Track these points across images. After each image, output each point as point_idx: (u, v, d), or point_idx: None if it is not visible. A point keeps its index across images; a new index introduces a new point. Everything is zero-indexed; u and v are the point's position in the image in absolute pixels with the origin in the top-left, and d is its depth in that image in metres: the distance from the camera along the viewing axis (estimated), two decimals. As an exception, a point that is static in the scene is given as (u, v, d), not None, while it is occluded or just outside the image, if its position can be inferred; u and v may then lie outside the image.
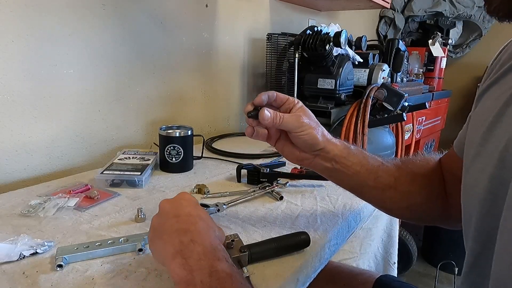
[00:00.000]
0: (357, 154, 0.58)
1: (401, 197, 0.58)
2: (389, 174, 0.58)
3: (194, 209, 0.46)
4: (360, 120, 1.25)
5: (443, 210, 0.57)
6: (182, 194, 0.49)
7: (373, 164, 0.58)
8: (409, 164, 0.60)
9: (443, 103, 2.42)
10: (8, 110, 0.79)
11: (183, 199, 0.48)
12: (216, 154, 1.06)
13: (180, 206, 0.46)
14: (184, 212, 0.45)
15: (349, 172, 0.57)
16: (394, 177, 0.57)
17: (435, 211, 0.58)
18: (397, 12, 2.46)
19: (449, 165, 0.57)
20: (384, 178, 0.57)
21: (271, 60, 1.41)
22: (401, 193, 0.57)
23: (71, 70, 0.89)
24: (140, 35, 1.03)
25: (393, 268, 1.05)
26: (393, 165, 0.59)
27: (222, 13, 1.28)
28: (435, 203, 0.57)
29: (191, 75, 1.22)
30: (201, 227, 0.43)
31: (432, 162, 0.60)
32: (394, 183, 0.57)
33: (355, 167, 0.57)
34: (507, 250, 0.33)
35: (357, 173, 0.57)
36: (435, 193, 0.57)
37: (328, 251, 0.61)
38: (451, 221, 0.57)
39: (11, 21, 0.76)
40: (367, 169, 0.57)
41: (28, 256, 0.51)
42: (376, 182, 0.57)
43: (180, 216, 0.44)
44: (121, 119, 1.03)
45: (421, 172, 0.59)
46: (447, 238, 1.86)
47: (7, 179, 0.82)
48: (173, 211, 0.45)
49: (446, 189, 0.57)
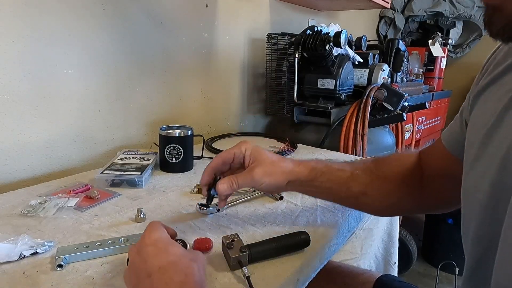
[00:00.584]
0: (325, 171, 0.60)
1: (375, 201, 0.61)
2: (360, 182, 0.60)
3: (165, 257, 0.40)
4: (360, 120, 1.25)
5: (419, 203, 0.60)
6: (149, 234, 0.43)
7: (342, 177, 0.60)
8: (382, 166, 0.62)
9: (443, 103, 2.42)
10: (8, 110, 0.79)
11: (151, 245, 0.41)
12: (216, 154, 1.05)
13: (149, 258, 0.40)
14: (154, 267, 0.39)
15: (320, 190, 0.61)
16: (365, 184, 0.60)
17: (410, 206, 0.62)
18: (397, 12, 2.46)
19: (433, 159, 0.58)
20: (355, 187, 0.60)
21: (271, 60, 1.41)
22: (374, 197, 0.60)
23: (71, 70, 0.89)
24: (140, 35, 1.03)
25: (394, 268, 1.05)
26: (363, 172, 0.61)
27: (222, 13, 1.28)
28: (409, 200, 0.60)
29: (191, 75, 1.22)
30: (176, 283, 0.38)
31: (406, 160, 0.62)
32: (365, 189, 0.60)
33: (324, 185, 0.60)
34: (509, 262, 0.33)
35: (328, 189, 0.60)
36: (408, 191, 0.60)
37: (328, 251, 0.61)
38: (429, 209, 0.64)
39: (11, 21, 0.76)
40: (337, 183, 0.60)
41: (28, 256, 0.51)
42: (348, 192, 0.60)
43: (152, 275, 0.38)
44: (121, 119, 1.03)
45: (393, 173, 0.61)
46: (447, 238, 1.86)
47: (7, 179, 0.82)
48: (144, 269, 0.39)
49: (422, 182, 0.59)
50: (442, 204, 0.61)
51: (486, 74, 0.44)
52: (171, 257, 0.40)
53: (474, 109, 0.45)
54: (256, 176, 0.56)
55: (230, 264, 0.49)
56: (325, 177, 0.60)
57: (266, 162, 0.58)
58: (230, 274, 0.49)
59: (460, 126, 0.50)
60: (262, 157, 0.58)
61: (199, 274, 0.40)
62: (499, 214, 0.35)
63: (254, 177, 0.56)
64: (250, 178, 0.56)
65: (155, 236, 0.43)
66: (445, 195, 0.57)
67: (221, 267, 0.50)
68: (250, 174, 0.57)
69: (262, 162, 0.57)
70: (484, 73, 0.45)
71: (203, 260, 0.43)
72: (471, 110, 0.46)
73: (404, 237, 1.75)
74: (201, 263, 0.42)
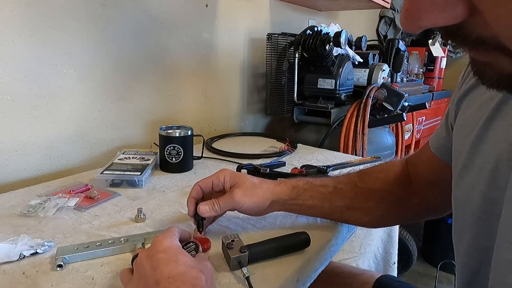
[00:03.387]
0: (307, 188, 0.60)
1: (360, 214, 0.61)
2: (344, 197, 0.60)
3: (175, 266, 0.40)
4: (360, 120, 1.25)
5: (409, 211, 0.61)
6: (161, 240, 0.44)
7: (325, 192, 0.60)
8: (366, 178, 0.62)
9: (443, 103, 2.42)
10: (8, 110, 0.79)
11: (163, 252, 0.42)
12: (216, 154, 1.06)
13: (159, 265, 0.40)
14: (164, 276, 0.39)
15: (303, 208, 0.61)
16: (349, 198, 0.60)
17: (400, 216, 0.62)
18: (397, 12, 2.46)
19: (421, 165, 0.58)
20: (338, 201, 0.60)
21: (271, 60, 1.41)
22: (358, 210, 0.61)
23: (71, 70, 0.89)
24: (140, 35, 1.03)
25: (393, 268, 1.05)
26: (347, 186, 0.61)
27: (222, 13, 1.28)
28: (398, 210, 0.61)
29: (191, 75, 1.22)
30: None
31: (391, 170, 0.62)
32: (350, 203, 0.60)
33: (307, 202, 0.60)
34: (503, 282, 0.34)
35: (312, 207, 0.61)
36: (396, 202, 0.60)
37: (328, 252, 0.61)
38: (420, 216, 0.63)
39: (11, 21, 0.76)
40: (319, 199, 0.60)
41: (28, 256, 0.51)
42: (332, 207, 0.60)
43: (160, 284, 0.38)
44: (121, 119, 1.03)
45: (377, 186, 0.61)
46: (447, 238, 1.85)
47: (7, 179, 0.82)
48: (153, 276, 0.39)
49: (411, 190, 0.59)
50: (433, 210, 0.60)
51: (468, 79, 0.44)
52: (180, 267, 0.40)
53: (458, 114, 0.45)
54: (236, 197, 0.56)
55: (230, 264, 0.49)
56: (308, 194, 0.60)
57: (246, 184, 0.58)
58: (230, 274, 0.49)
59: (446, 130, 0.50)
60: (241, 179, 0.58)
61: (206, 285, 0.40)
62: (491, 228, 0.36)
63: (234, 198, 0.56)
64: (230, 199, 0.56)
65: (167, 243, 0.43)
66: (435, 201, 0.57)
67: (221, 267, 0.50)
68: (230, 196, 0.56)
69: (242, 184, 0.57)
70: (466, 78, 0.45)
71: (211, 270, 0.44)
72: (455, 115, 0.46)
73: (404, 237, 1.75)
74: (209, 274, 0.42)
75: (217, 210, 0.55)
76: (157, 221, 0.63)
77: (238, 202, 0.56)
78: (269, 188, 0.59)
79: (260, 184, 0.59)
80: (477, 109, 0.41)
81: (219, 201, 0.56)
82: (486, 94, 0.40)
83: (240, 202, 0.56)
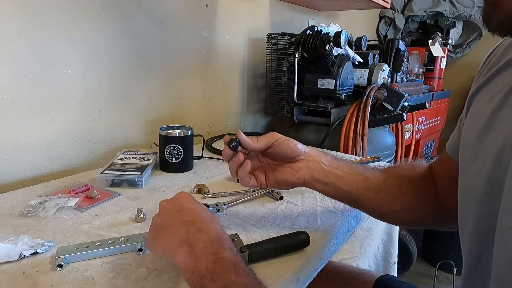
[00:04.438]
0: (338, 158, 0.60)
1: (394, 198, 0.58)
2: (377, 176, 0.59)
3: (195, 204, 0.49)
4: (360, 120, 1.25)
5: (437, 210, 0.58)
6: (181, 193, 0.51)
7: (358, 167, 0.60)
8: (395, 168, 0.62)
9: (443, 103, 2.42)
10: (8, 110, 0.79)
11: (183, 197, 0.50)
12: (216, 154, 1.06)
13: (181, 202, 0.48)
14: (186, 206, 0.47)
15: (339, 173, 0.58)
16: (382, 179, 0.58)
17: (429, 212, 0.58)
18: (397, 12, 2.46)
19: (442, 168, 0.57)
20: (372, 179, 0.58)
21: (271, 60, 1.40)
22: (392, 193, 0.58)
23: (71, 70, 0.89)
24: (140, 35, 1.03)
25: (393, 268, 1.05)
26: (377, 169, 0.61)
27: (222, 13, 1.28)
28: (427, 203, 0.58)
29: (191, 75, 1.22)
30: (205, 217, 0.46)
31: (418, 168, 0.61)
32: (384, 184, 0.58)
33: (342, 168, 0.58)
34: (505, 250, 0.34)
35: (347, 174, 0.58)
36: (426, 194, 0.58)
37: (328, 251, 0.61)
38: (446, 221, 0.58)
39: (11, 21, 0.76)
40: (354, 171, 0.59)
41: (28, 256, 0.51)
42: (367, 182, 0.58)
43: (183, 210, 0.47)
44: (121, 119, 1.03)
45: (408, 174, 0.60)
46: (447, 238, 1.85)
47: (7, 179, 0.82)
48: (175, 207, 0.47)
49: (438, 190, 0.58)
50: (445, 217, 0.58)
51: (481, 77, 0.45)
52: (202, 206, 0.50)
53: (469, 111, 0.46)
54: (274, 134, 0.58)
55: None
56: (341, 162, 0.59)
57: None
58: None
59: (459, 132, 0.50)
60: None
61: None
62: (495, 209, 0.36)
63: (273, 134, 0.58)
64: (269, 135, 0.58)
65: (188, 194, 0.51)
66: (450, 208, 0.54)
67: (221, 267, 0.50)
68: (269, 133, 0.58)
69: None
70: (478, 77, 0.46)
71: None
72: (466, 112, 0.47)
73: (404, 237, 1.75)
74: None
75: (255, 141, 0.57)
76: (157, 221, 0.63)
77: (275, 137, 0.58)
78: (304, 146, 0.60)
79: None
80: (486, 102, 0.41)
81: (256, 137, 0.58)
82: (495, 88, 0.41)
83: (278, 138, 0.58)
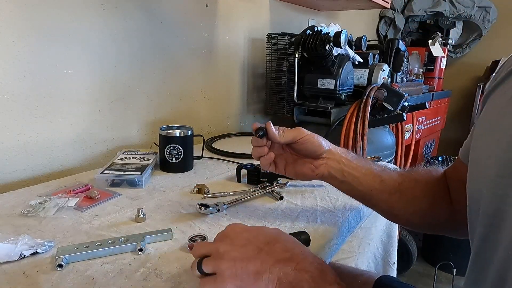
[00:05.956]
0: (358, 158, 0.61)
1: (407, 202, 0.58)
2: (393, 179, 0.59)
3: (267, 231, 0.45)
4: (360, 120, 1.25)
5: (449, 215, 0.57)
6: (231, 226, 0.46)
7: (376, 168, 0.60)
8: (411, 172, 0.62)
9: (443, 103, 2.42)
10: (8, 110, 0.79)
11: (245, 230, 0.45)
12: (216, 154, 1.06)
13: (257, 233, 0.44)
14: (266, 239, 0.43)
15: (356, 173, 0.60)
16: (398, 182, 0.59)
17: (441, 217, 0.58)
18: (397, 12, 2.46)
19: (456, 174, 0.57)
20: (388, 181, 0.59)
21: (271, 60, 1.41)
22: (406, 197, 0.58)
23: (71, 70, 0.89)
24: (140, 35, 1.03)
25: (393, 268, 1.04)
26: (394, 171, 0.61)
27: (222, 13, 1.28)
28: (440, 208, 0.58)
29: (191, 75, 1.23)
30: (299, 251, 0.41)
31: (435, 173, 0.61)
32: (398, 187, 0.59)
33: (360, 170, 0.60)
34: None
35: (364, 176, 0.60)
36: (439, 199, 0.58)
37: (328, 251, 0.61)
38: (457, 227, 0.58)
39: (11, 21, 0.76)
40: (371, 172, 0.59)
41: (29, 256, 0.51)
42: (382, 185, 0.59)
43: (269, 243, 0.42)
44: (121, 119, 1.03)
45: (423, 179, 0.60)
46: (447, 239, 1.86)
47: (7, 179, 0.82)
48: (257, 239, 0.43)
49: (451, 195, 0.58)
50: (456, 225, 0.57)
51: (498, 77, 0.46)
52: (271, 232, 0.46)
53: (483, 110, 0.46)
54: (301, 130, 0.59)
55: None
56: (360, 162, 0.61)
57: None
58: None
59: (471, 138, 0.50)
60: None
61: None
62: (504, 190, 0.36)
63: (300, 129, 0.59)
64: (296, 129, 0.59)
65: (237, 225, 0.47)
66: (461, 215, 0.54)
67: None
68: (296, 128, 0.59)
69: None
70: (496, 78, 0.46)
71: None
72: (480, 112, 0.47)
73: (404, 237, 1.75)
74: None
75: (281, 134, 0.58)
76: (157, 221, 0.63)
77: (302, 132, 0.59)
78: (328, 143, 0.62)
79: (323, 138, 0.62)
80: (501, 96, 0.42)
81: (284, 129, 0.58)
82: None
83: (304, 134, 0.58)
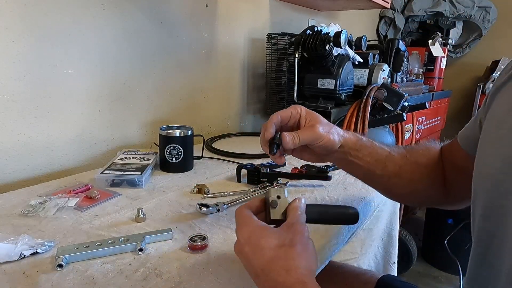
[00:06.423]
0: (368, 145, 0.63)
1: (405, 184, 0.63)
2: (395, 163, 0.62)
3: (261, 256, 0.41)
4: (360, 120, 1.25)
5: (443, 195, 0.63)
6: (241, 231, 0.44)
7: (381, 154, 0.62)
8: (413, 153, 0.64)
9: (443, 103, 2.42)
10: (8, 110, 0.79)
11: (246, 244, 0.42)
12: (216, 154, 1.06)
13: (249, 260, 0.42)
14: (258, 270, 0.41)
15: (360, 162, 0.62)
16: (399, 166, 0.62)
17: (435, 196, 0.64)
18: (397, 12, 2.46)
19: (451, 155, 0.61)
20: (390, 167, 0.62)
21: (271, 60, 1.41)
22: (405, 180, 0.62)
23: (71, 70, 0.89)
24: (140, 35, 1.03)
25: (393, 268, 1.05)
26: (398, 155, 0.63)
27: (222, 13, 1.28)
28: (435, 189, 0.63)
29: (191, 75, 1.22)
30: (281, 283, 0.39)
31: (433, 151, 0.64)
32: (399, 171, 0.62)
33: (366, 158, 0.62)
34: None
35: (367, 164, 0.62)
36: (436, 181, 0.62)
37: (329, 251, 0.61)
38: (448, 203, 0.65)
39: (11, 21, 0.76)
40: (376, 159, 0.62)
41: (29, 256, 0.51)
42: (383, 170, 0.62)
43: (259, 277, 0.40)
44: (121, 119, 1.03)
45: (423, 162, 0.63)
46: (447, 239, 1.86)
47: (7, 179, 0.82)
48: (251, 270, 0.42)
49: (445, 176, 0.62)
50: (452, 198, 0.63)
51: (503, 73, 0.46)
52: (267, 254, 0.41)
53: (492, 106, 0.46)
54: (318, 131, 0.57)
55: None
56: (367, 151, 0.62)
57: (323, 122, 0.59)
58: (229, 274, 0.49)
59: (474, 124, 0.52)
60: (318, 118, 0.60)
61: (300, 259, 0.40)
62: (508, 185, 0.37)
63: (316, 132, 0.57)
64: (312, 133, 0.57)
65: (246, 231, 0.43)
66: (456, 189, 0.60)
67: (220, 267, 0.50)
68: (311, 130, 0.58)
69: (320, 121, 0.59)
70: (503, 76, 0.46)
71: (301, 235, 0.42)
72: (488, 108, 0.47)
73: (404, 237, 1.75)
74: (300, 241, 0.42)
75: (297, 143, 0.57)
76: (157, 221, 0.63)
77: (319, 136, 0.57)
78: (339, 132, 0.60)
79: (334, 126, 0.61)
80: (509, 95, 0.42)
81: (299, 134, 0.57)
82: None
83: (320, 137, 0.57)
